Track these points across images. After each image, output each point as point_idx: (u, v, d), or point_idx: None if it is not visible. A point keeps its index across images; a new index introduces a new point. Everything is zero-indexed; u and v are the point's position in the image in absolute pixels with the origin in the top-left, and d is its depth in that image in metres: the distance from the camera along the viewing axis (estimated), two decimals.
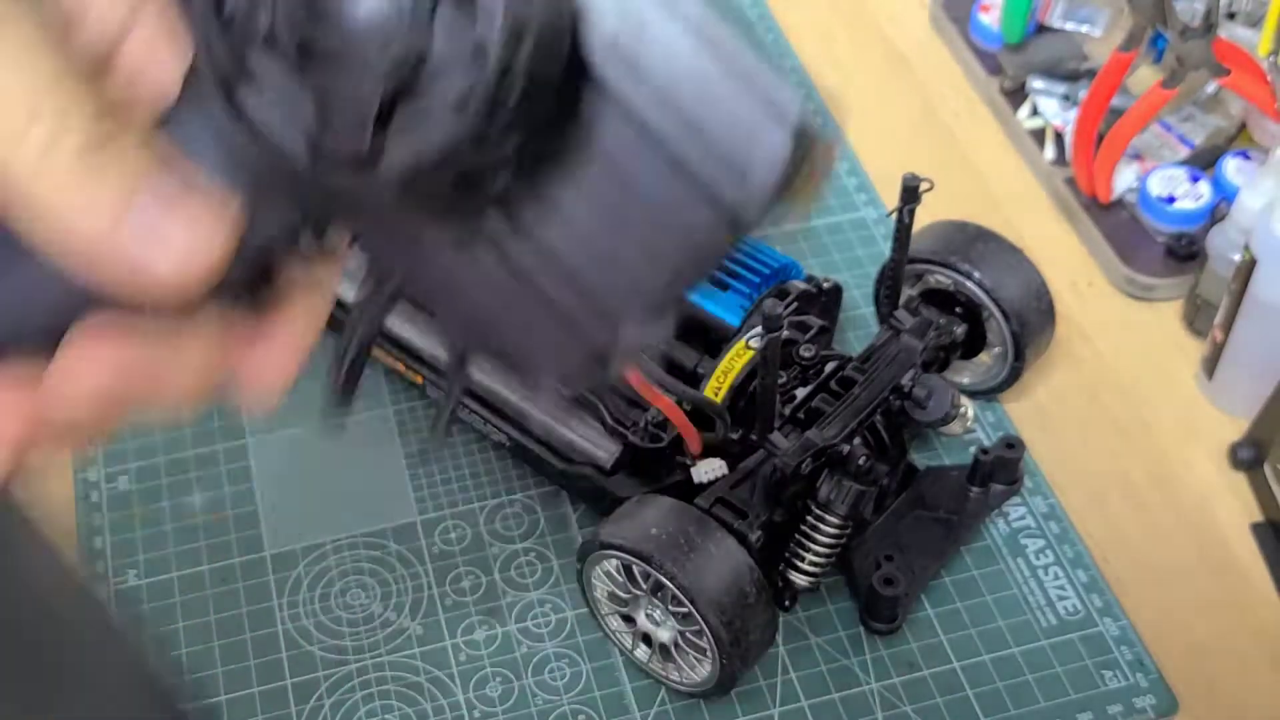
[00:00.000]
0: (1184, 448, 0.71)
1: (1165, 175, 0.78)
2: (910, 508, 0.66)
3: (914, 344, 0.66)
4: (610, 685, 0.62)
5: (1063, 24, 0.86)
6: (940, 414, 0.64)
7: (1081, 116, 0.78)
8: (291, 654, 0.63)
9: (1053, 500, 0.69)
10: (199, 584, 0.65)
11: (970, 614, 0.65)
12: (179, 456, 0.70)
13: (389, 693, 0.62)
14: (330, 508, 0.68)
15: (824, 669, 0.63)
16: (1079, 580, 0.66)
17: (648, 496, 0.60)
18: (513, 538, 0.67)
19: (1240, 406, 0.72)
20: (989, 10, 0.90)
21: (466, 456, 0.71)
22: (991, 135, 0.88)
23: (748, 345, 0.64)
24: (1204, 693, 0.62)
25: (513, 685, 0.62)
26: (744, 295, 0.65)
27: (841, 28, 0.95)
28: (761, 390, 0.59)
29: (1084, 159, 0.79)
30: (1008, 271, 0.68)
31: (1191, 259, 0.77)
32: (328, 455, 0.70)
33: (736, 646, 0.56)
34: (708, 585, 0.56)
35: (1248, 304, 0.68)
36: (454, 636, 0.64)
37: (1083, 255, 0.81)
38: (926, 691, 0.62)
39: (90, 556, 0.66)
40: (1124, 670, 0.63)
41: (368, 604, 0.65)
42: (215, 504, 0.69)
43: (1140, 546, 0.68)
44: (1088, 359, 0.75)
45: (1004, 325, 0.68)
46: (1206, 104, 0.82)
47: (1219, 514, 0.69)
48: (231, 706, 0.61)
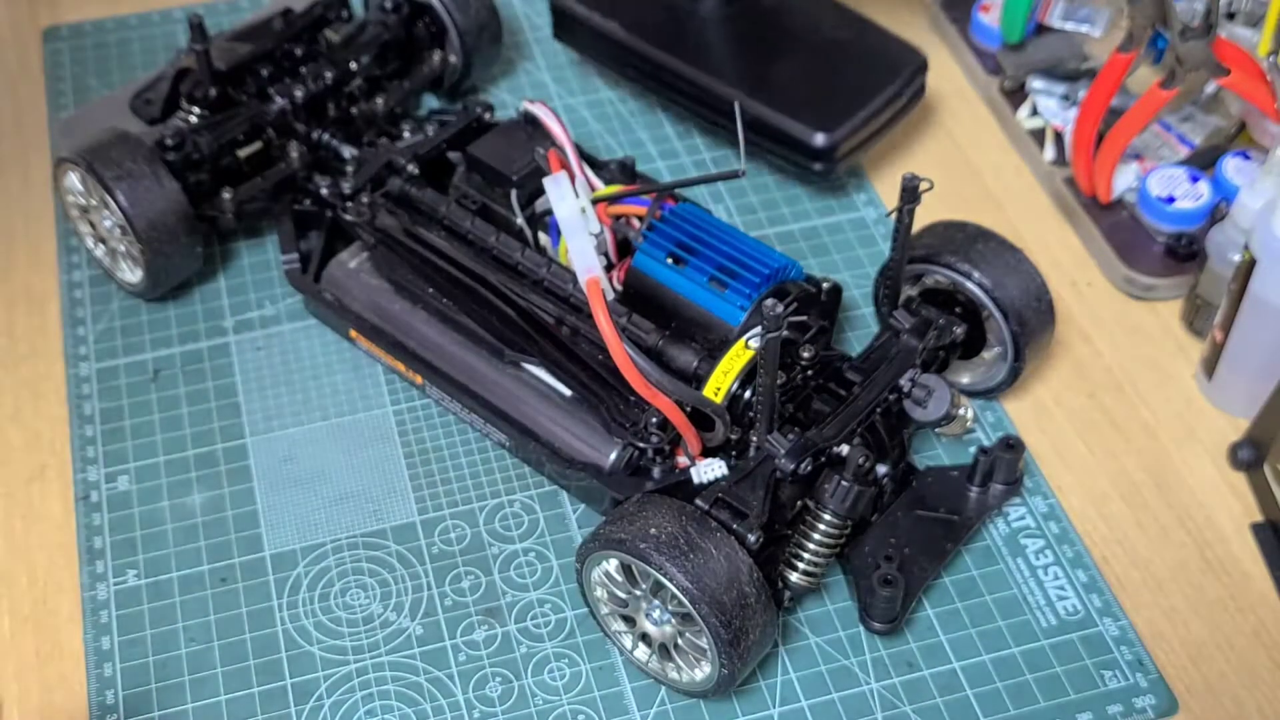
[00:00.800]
0: (1184, 448, 0.71)
1: (1165, 175, 0.78)
2: (910, 508, 0.66)
3: (913, 344, 0.66)
4: (610, 685, 0.62)
5: (1063, 24, 0.87)
6: (940, 414, 0.64)
7: (1081, 116, 0.78)
8: (291, 654, 0.63)
9: (1052, 500, 0.69)
10: (199, 584, 0.65)
11: (970, 614, 0.65)
12: (179, 456, 0.70)
13: (389, 693, 0.62)
14: (330, 508, 0.68)
15: (823, 669, 0.63)
16: (1079, 580, 0.66)
17: (647, 496, 0.60)
18: (512, 538, 0.67)
19: (1240, 406, 0.72)
20: (989, 10, 0.90)
21: (466, 456, 0.71)
22: (991, 135, 0.88)
23: (747, 345, 0.64)
24: (1204, 693, 0.62)
25: (512, 685, 0.62)
26: (744, 295, 0.65)
27: None
28: (761, 390, 0.59)
29: (1084, 159, 0.79)
30: (1007, 271, 0.68)
31: (1191, 259, 0.77)
32: (327, 455, 0.71)
33: (736, 647, 0.56)
34: (707, 585, 0.56)
35: (1247, 304, 0.68)
36: (454, 636, 0.64)
37: (1082, 255, 0.81)
38: (926, 691, 0.62)
39: (90, 556, 0.66)
40: (1124, 670, 0.63)
41: (367, 604, 0.65)
42: (215, 504, 0.69)
43: (1140, 547, 0.68)
44: (1087, 359, 0.76)
45: (1004, 325, 0.68)
46: (1206, 104, 0.82)
47: (1219, 514, 0.69)
48: (231, 706, 0.61)
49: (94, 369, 0.74)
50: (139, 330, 0.76)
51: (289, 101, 0.78)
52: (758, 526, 0.58)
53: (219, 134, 0.76)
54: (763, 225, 0.82)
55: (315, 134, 0.78)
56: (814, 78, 0.81)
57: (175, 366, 0.74)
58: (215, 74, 0.77)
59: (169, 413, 0.72)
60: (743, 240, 0.67)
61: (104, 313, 0.77)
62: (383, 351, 0.72)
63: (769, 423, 0.60)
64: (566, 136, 0.72)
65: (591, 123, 0.88)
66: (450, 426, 0.72)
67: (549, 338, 0.67)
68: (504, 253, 0.70)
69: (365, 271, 0.73)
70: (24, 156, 0.86)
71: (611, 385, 0.65)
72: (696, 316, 0.66)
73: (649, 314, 0.67)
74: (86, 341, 0.76)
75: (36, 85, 0.90)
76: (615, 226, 0.69)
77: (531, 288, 0.69)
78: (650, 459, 0.64)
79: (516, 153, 0.72)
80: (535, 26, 0.95)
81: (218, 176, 0.76)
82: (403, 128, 0.80)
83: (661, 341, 0.66)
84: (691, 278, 0.66)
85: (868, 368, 0.65)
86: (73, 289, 0.78)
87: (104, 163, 0.71)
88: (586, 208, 0.66)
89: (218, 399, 0.73)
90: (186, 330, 0.76)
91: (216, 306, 0.77)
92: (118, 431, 0.71)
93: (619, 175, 0.74)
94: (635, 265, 0.67)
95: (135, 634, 0.64)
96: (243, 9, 0.95)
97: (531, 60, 0.93)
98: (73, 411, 0.72)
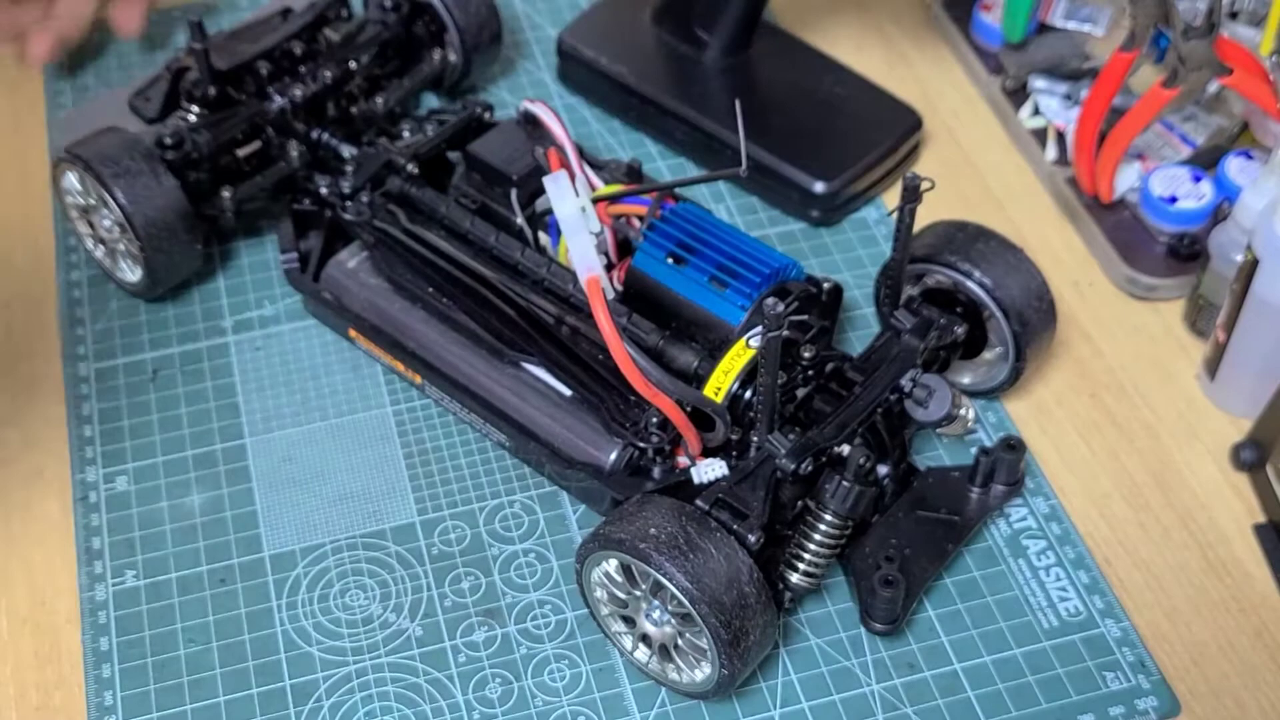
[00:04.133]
0: (1186, 448, 0.71)
1: (1167, 175, 0.78)
2: (910, 508, 0.66)
3: (914, 344, 0.65)
4: (610, 687, 0.62)
5: (1064, 23, 0.86)
6: (941, 414, 0.64)
7: (1083, 116, 0.78)
8: (290, 655, 0.63)
9: (1054, 501, 0.69)
10: (198, 585, 0.65)
11: (971, 615, 0.64)
12: (177, 457, 0.70)
13: (388, 694, 0.62)
14: (329, 508, 0.68)
15: (824, 670, 0.63)
16: (1080, 581, 0.66)
17: (648, 497, 0.60)
18: (512, 539, 0.67)
19: (1242, 407, 0.72)
20: (990, 9, 0.90)
21: (466, 457, 0.70)
22: (993, 135, 0.88)
23: (748, 345, 0.64)
24: (1206, 694, 0.62)
25: (512, 687, 0.62)
26: (744, 295, 0.65)
27: (842, 27, 0.95)
28: (762, 390, 0.59)
29: (1086, 159, 0.79)
30: (1008, 271, 0.68)
31: (1193, 259, 0.77)
32: (326, 455, 0.70)
33: (736, 647, 0.56)
34: (707, 585, 0.55)
35: (1250, 304, 0.68)
36: (453, 638, 0.64)
37: (1084, 255, 0.80)
38: (928, 693, 0.62)
39: (88, 557, 0.66)
40: (1126, 672, 0.63)
41: (367, 605, 0.65)
42: (214, 505, 0.68)
43: (1142, 547, 0.67)
44: (1089, 359, 0.75)
45: (1004, 325, 0.68)
46: (1209, 103, 0.81)
47: (1221, 515, 0.69)
48: (230, 708, 0.61)
49: (92, 369, 0.74)
50: (137, 330, 0.76)
51: (288, 100, 0.77)
52: (758, 527, 0.58)
53: (218, 133, 0.76)
54: (764, 225, 0.82)
55: (314, 133, 0.78)
56: (814, 129, 0.83)
57: (174, 367, 0.74)
58: (214, 73, 0.77)
59: (168, 413, 0.72)
60: (743, 240, 0.67)
61: (102, 313, 0.77)
62: (382, 351, 0.71)
63: (769, 422, 0.60)
64: (566, 135, 0.72)
65: (593, 123, 0.88)
66: (450, 427, 0.72)
67: (549, 337, 0.67)
68: (504, 252, 0.70)
69: (364, 271, 0.73)
70: (22, 156, 0.86)
71: (611, 385, 0.65)
72: (697, 316, 0.66)
73: (649, 313, 0.67)
74: (85, 341, 0.75)
75: (35, 84, 0.90)
76: (615, 226, 0.69)
77: (531, 287, 0.69)
78: (650, 459, 0.64)
79: (516, 152, 0.71)
80: (536, 26, 0.95)
81: (217, 175, 0.76)
82: (402, 127, 0.79)
83: (662, 341, 0.66)
84: (692, 277, 0.66)
85: (869, 368, 0.65)
86: (71, 289, 0.78)
87: (102, 161, 0.71)
88: (586, 207, 0.66)
89: (217, 399, 0.73)
90: (185, 330, 0.76)
91: (215, 306, 0.77)
92: (116, 432, 0.71)
93: (620, 175, 0.74)
94: (635, 265, 0.67)
95: (134, 635, 0.64)
96: (242, 8, 0.95)
97: (532, 60, 0.92)
98: (71, 412, 0.72)
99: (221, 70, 0.77)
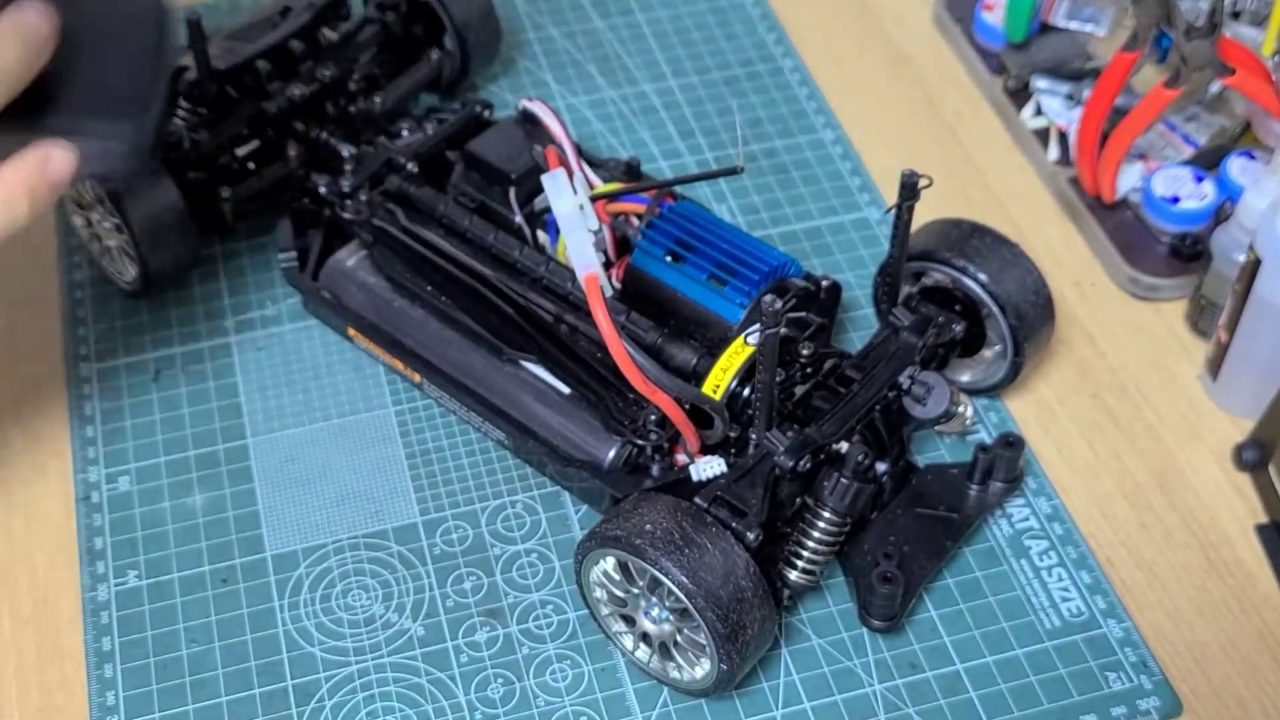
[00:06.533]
0: (1188, 449, 0.71)
1: (1169, 175, 0.78)
2: (909, 505, 0.66)
3: (913, 341, 0.65)
4: (612, 687, 0.62)
5: (1066, 23, 0.86)
6: (939, 411, 0.64)
7: (1085, 116, 0.78)
8: (292, 655, 0.63)
9: (1056, 501, 0.69)
10: (200, 585, 0.65)
11: (973, 615, 0.64)
12: (179, 457, 0.70)
13: (390, 694, 0.62)
14: (331, 508, 0.68)
15: (826, 670, 0.62)
16: (1082, 582, 0.66)
17: (645, 494, 0.60)
18: (514, 539, 0.67)
19: (1244, 407, 0.72)
20: (992, 9, 0.90)
21: (468, 457, 0.70)
22: (995, 135, 0.87)
23: (746, 342, 0.63)
24: (1208, 695, 0.62)
25: (514, 687, 0.62)
26: (742, 292, 0.65)
27: (844, 27, 0.95)
28: (760, 387, 0.59)
29: (1088, 159, 0.79)
30: (1004, 266, 0.68)
31: (1196, 259, 0.77)
32: (328, 455, 0.70)
33: (734, 642, 0.56)
34: (703, 580, 0.55)
35: (1252, 304, 0.68)
36: (455, 638, 0.64)
37: (1086, 255, 0.80)
38: (929, 693, 0.62)
39: (91, 557, 0.66)
40: (1128, 672, 0.62)
41: (369, 605, 0.65)
42: (216, 505, 0.68)
43: (1144, 548, 0.67)
44: (1091, 359, 0.75)
45: (1002, 320, 0.68)
46: (1211, 103, 0.81)
47: (1223, 515, 0.68)
48: (232, 708, 0.61)
49: (95, 369, 0.74)
50: (140, 330, 0.76)
51: (287, 100, 0.77)
52: (756, 524, 0.58)
53: (217, 132, 0.76)
54: (765, 225, 0.82)
55: (314, 132, 0.78)
56: None
57: (176, 366, 0.74)
58: (213, 72, 0.77)
59: (170, 413, 0.72)
60: (741, 238, 0.67)
61: (105, 313, 0.77)
62: (381, 349, 0.71)
63: (768, 420, 0.60)
64: (565, 133, 0.72)
65: (594, 122, 0.88)
66: (452, 427, 0.72)
67: (548, 335, 0.67)
68: (502, 250, 0.70)
69: (364, 270, 0.73)
70: None
71: (610, 383, 0.65)
72: (695, 314, 0.66)
73: (648, 311, 0.67)
74: (87, 341, 0.75)
75: None
76: (614, 224, 0.69)
77: (530, 285, 0.69)
78: (649, 456, 0.64)
79: (515, 150, 0.72)
80: (536, 25, 0.95)
81: (216, 175, 0.76)
82: (401, 126, 0.79)
83: (660, 339, 0.66)
84: (690, 275, 0.66)
85: (867, 365, 0.65)
86: (73, 289, 0.78)
87: None
88: (585, 205, 0.66)
89: (219, 399, 0.73)
90: (187, 330, 0.76)
91: (217, 306, 0.77)
92: (118, 432, 0.71)
93: (619, 173, 0.74)
94: (634, 263, 0.67)
95: (136, 635, 0.64)
96: (242, 8, 0.95)
97: (532, 59, 0.92)
98: (73, 412, 0.72)
99: (220, 69, 0.77)
